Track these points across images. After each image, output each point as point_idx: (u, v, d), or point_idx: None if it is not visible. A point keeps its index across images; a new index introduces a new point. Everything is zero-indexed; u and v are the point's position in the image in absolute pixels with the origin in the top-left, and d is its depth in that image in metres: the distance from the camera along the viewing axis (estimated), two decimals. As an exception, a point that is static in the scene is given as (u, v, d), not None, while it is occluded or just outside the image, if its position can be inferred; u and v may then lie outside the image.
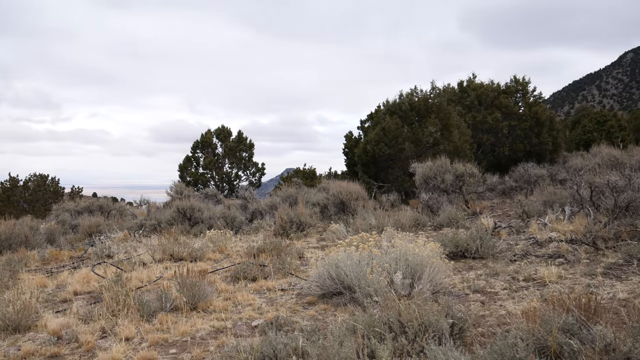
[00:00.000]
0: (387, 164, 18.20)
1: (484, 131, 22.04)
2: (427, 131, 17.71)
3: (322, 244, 11.11)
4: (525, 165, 18.34)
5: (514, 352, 3.75)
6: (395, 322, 4.48)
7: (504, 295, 6.30)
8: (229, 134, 30.77)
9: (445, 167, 15.15)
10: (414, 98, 18.95)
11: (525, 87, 23.75)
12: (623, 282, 6.45)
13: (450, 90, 23.84)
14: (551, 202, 12.45)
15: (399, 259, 6.10)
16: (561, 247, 8.45)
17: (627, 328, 4.00)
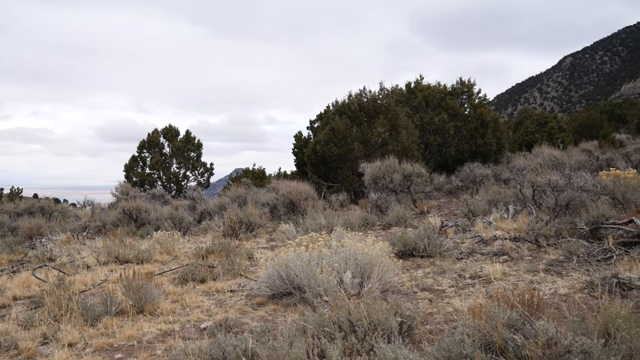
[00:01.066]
0: (337, 164, 18.28)
1: (431, 132, 22.43)
2: (375, 131, 17.88)
3: (271, 244, 11.06)
4: (471, 165, 18.77)
5: (460, 349, 3.82)
6: (345, 321, 4.50)
7: (451, 293, 6.41)
8: (177, 134, 30.27)
9: (393, 167, 15.33)
10: (363, 99, 19.10)
11: (470, 89, 24.30)
12: (564, 278, 6.67)
13: (398, 91, 24.15)
14: (496, 201, 12.77)
15: (349, 259, 6.13)
16: (505, 245, 8.68)
17: (567, 322, 4.13)
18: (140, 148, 29.58)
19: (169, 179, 29.40)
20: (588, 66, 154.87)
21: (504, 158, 24.32)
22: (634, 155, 18.56)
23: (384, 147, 17.96)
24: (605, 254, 7.56)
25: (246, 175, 29.25)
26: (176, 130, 30.31)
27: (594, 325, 3.96)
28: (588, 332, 3.90)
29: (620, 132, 36.83)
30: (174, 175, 29.61)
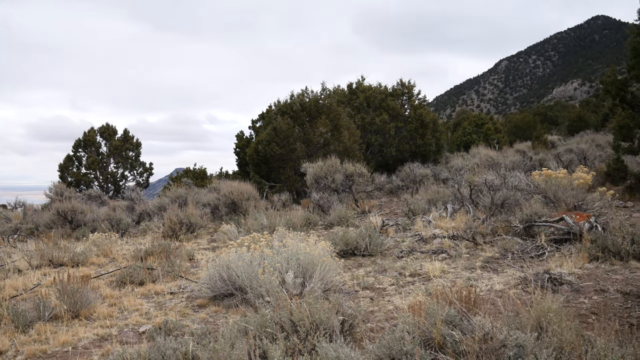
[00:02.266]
0: (279, 164, 18.24)
1: (373, 132, 22.70)
2: (317, 132, 17.95)
3: (213, 245, 10.92)
4: (411, 165, 19.11)
5: (401, 345, 3.88)
6: (287, 321, 4.49)
7: (391, 291, 6.50)
8: (115, 132, 29.44)
9: (335, 167, 15.42)
10: (305, 99, 19.14)
11: (410, 91, 24.74)
12: (499, 275, 6.88)
13: (340, 91, 24.33)
14: (435, 200, 13.05)
15: (291, 259, 6.12)
16: (444, 243, 8.88)
17: (502, 317, 4.27)
18: (76, 147, 28.60)
19: (106, 179, 28.56)
20: (522, 70, 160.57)
21: (443, 158, 24.90)
22: (564, 156, 19.35)
23: (326, 147, 18.05)
24: (538, 251, 7.85)
25: (187, 175, 28.78)
26: (114, 129, 29.48)
27: (527, 319, 4.10)
28: (522, 326, 4.04)
29: (552, 133, 38.37)
30: (111, 175, 28.80)
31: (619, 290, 5.85)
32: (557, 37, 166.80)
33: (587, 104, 46.29)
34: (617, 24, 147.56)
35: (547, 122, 46.39)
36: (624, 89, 13.17)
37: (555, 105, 57.84)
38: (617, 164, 13.42)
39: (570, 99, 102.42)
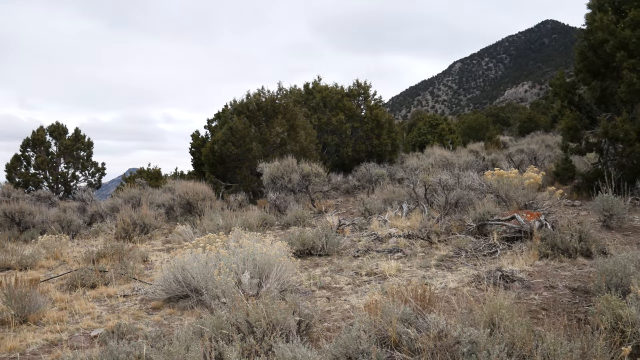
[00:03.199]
0: (235, 164, 18.10)
1: (329, 132, 22.78)
2: (274, 131, 17.89)
3: (167, 246, 10.75)
4: (367, 165, 19.24)
5: (357, 344, 3.90)
6: (244, 322, 4.46)
7: (348, 290, 6.53)
8: (65, 132, 28.64)
9: (292, 167, 15.41)
10: (262, 98, 19.06)
11: (366, 91, 24.93)
12: (453, 273, 7.00)
13: (296, 91, 24.33)
14: (391, 200, 13.18)
15: (247, 259, 6.08)
16: (400, 242, 8.98)
17: (457, 314, 4.34)
18: (24, 147, 27.70)
19: (56, 180, 27.77)
20: (475, 72, 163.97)
21: (399, 158, 25.18)
22: (515, 156, 19.84)
23: (283, 147, 18.01)
24: (490, 249, 8.02)
25: (141, 175, 28.28)
26: (64, 128, 28.68)
27: (481, 316, 4.18)
28: (475, 323, 4.11)
29: (504, 134, 39.28)
30: (61, 176, 28.01)
31: (567, 286, 6.03)
32: (509, 40, 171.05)
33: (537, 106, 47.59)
34: (566, 28, 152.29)
35: (499, 123, 47.48)
36: (572, 91, 13.58)
37: (507, 107, 59.26)
38: (565, 164, 13.83)
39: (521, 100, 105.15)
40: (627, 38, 11.44)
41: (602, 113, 12.60)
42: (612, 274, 5.23)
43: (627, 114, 11.70)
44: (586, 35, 12.68)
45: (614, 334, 3.83)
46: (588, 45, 12.62)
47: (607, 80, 12.68)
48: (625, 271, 5.14)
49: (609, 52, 11.90)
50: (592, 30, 12.43)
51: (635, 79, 11.33)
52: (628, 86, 11.49)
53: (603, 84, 12.73)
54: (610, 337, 3.70)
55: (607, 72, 12.56)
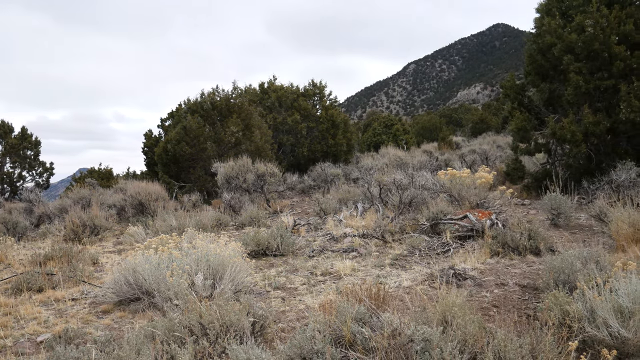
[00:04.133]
0: (189, 164, 17.85)
1: (285, 132, 22.73)
2: (229, 131, 17.73)
3: (119, 247, 10.51)
4: (323, 165, 19.28)
5: (312, 345, 3.88)
6: (197, 324, 4.38)
7: (303, 290, 6.52)
8: (11, 130, 27.63)
9: (247, 166, 15.30)
10: (216, 97, 18.85)
11: (322, 91, 24.98)
12: (407, 271, 7.07)
13: (252, 91, 24.18)
14: (346, 200, 13.23)
15: (200, 260, 5.99)
16: (354, 241, 9.01)
17: (410, 313, 4.38)
18: (-33, 146, 26.65)
19: (1, 180, 26.78)
20: (429, 73, 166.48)
21: (354, 158, 25.32)
22: (468, 156, 20.23)
23: (238, 146, 17.87)
24: (443, 248, 8.14)
25: (91, 175, 27.55)
26: (10, 126, 27.67)
27: (434, 314, 4.23)
28: (428, 321, 4.16)
29: (457, 134, 40.02)
30: (7, 176, 27.02)
31: (517, 283, 6.17)
32: (461, 43, 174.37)
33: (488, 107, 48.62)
34: (516, 32, 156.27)
35: (452, 123, 48.35)
36: (522, 93, 13.93)
37: (459, 108, 60.41)
38: (515, 164, 14.18)
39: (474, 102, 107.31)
40: (574, 42, 11.80)
41: (550, 115, 12.96)
42: (560, 271, 5.37)
43: (573, 116, 12.06)
44: (535, 39, 13.02)
45: (561, 329, 3.92)
46: (537, 49, 12.96)
47: (555, 83, 13.05)
48: (572, 268, 5.29)
49: (556, 56, 12.25)
50: (540, 34, 12.78)
51: (581, 81, 11.70)
52: (574, 89, 11.86)
53: (551, 87, 13.10)
54: (558, 332, 3.79)
55: (555, 74, 12.92)
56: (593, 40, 11.56)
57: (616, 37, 11.68)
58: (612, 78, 11.75)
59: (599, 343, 4.00)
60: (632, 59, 11.48)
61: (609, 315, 3.99)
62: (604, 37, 11.49)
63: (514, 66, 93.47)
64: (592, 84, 11.81)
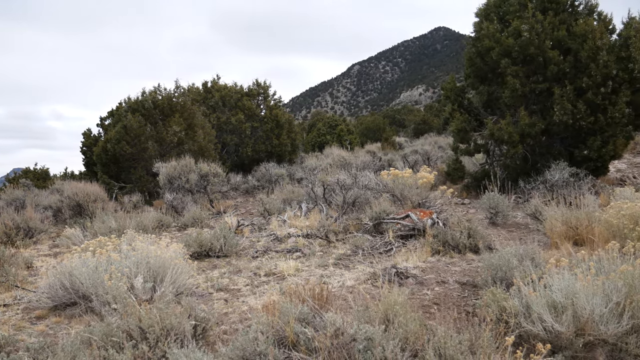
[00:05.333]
0: (130, 164, 17.42)
1: (228, 132, 22.50)
2: (171, 130, 17.40)
3: (55, 250, 10.14)
4: (267, 165, 19.22)
5: (254, 346, 3.85)
6: (136, 328, 4.27)
7: (246, 292, 6.46)
8: (-62, 129, 26.34)
9: (189, 166, 15.06)
10: (158, 96, 18.47)
11: (266, 91, 24.86)
12: (350, 271, 7.11)
13: (195, 90, 23.83)
14: (290, 200, 13.22)
15: (140, 263, 5.85)
16: (298, 241, 9.01)
17: (353, 312, 4.40)
18: None
19: None
20: (373, 74, 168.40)
21: (298, 158, 25.32)
22: (410, 157, 20.58)
23: (180, 146, 17.56)
24: (386, 247, 8.24)
25: (26, 175, 26.49)
26: (-63, 124, 26.38)
27: (376, 313, 4.27)
28: (371, 319, 4.19)
29: (400, 135, 40.63)
30: None
31: (457, 281, 6.31)
32: (404, 45, 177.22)
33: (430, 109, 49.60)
34: (457, 35, 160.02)
35: (396, 124, 49.02)
36: (462, 95, 14.28)
37: (402, 109, 61.34)
38: (456, 164, 14.52)
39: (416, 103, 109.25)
40: (511, 46, 12.18)
41: (489, 116, 13.34)
42: (497, 268, 5.53)
43: (510, 118, 12.45)
44: (474, 43, 13.38)
45: (499, 325, 4.03)
46: (476, 52, 13.32)
47: (493, 86, 13.44)
48: (509, 265, 5.46)
49: (494, 59, 12.62)
50: (479, 37, 13.13)
51: (517, 84, 12.09)
52: (512, 91, 12.24)
53: (490, 89, 13.48)
54: (495, 328, 3.89)
55: (493, 77, 13.31)
56: (529, 44, 11.98)
57: (550, 42, 12.15)
58: (546, 81, 12.21)
59: (534, 337, 4.14)
60: (565, 63, 11.95)
61: (543, 311, 4.13)
62: (539, 42, 11.91)
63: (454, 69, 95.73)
64: (528, 87, 12.23)
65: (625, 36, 11.94)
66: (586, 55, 11.66)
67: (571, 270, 4.47)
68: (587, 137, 12.12)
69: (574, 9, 12.93)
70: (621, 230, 6.18)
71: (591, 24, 11.91)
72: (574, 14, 12.87)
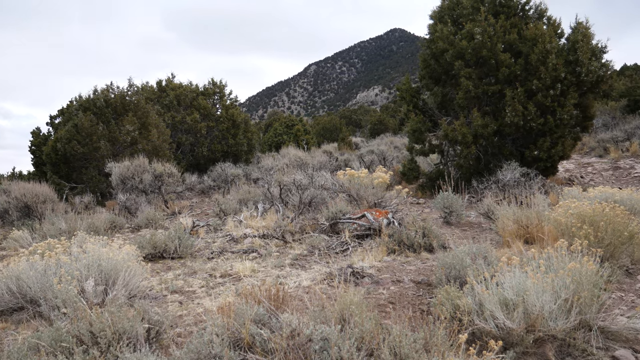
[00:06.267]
0: (81, 164, 16.99)
1: (183, 131, 22.21)
2: (124, 129, 17.06)
3: (1, 254, 9.80)
4: (223, 165, 19.05)
5: (209, 349, 3.80)
6: (87, 333, 4.16)
7: (201, 293, 6.38)
8: None
9: (143, 166, 14.79)
10: (110, 94, 18.08)
11: (222, 90, 24.65)
12: (307, 271, 7.11)
13: (149, 88, 23.44)
14: (246, 200, 13.13)
15: (92, 265, 5.70)
16: (255, 242, 8.96)
17: (309, 312, 4.39)
18: None
19: None
20: (330, 75, 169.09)
21: (255, 158, 25.21)
22: (366, 157, 20.72)
23: (134, 146, 17.24)
24: (342, 247, 8.27)
25: (-30, 176, 25.54)
26: None
27: (332, 313, 4.27)
28: (327, 320, 4.19)
29: (356, 135, 40.95)
30: None
31: (412, 279, 6.38)
32: (361, 46, 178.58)
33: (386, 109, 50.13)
34: (412, 37, 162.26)
35: (352, 124, 49.35)
36: (417, 96, 14.47)
37: (359, 109, 61.76)
38: (411, 164, 14.70)
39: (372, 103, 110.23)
40: (464, 48, 12.40)
41: (443, 117, 13.56)
42: (451, 267, 5.62)
43: (464, 119, 12.68)
44: (429, 45, 13.57)
45: (453, 322, 4.09)
46: (430, 54, 13.51)
47: (447, 87, 13.66)
48: (462, 264, 5.55)
49: (448, 61, 12.83)
50: (434, 39, 13.33)
51: (471, 86, 12.32)
52: (465, 93, 12.47)
53: (444, 90, 13.70)
54: (449, 326, 3.95)
55: (447, 79, 13.53)
56: (481, 47, 12.22)
57: (502, 45, 12.43)
58: (498, 83, 12.48)
59: (487, 334, 4.22)
60: (516, 66, 12.25)
61: (495, 308, 4.22)
62: (491, 44, 12.17)
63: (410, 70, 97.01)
64: (480, 89, 12.48)
65: (573, 40, 12.31)
66: (536, 59, 11.98)
67: (522, 268, 4.58)
68: (537, 138, 12.45)
69: (525, 13, 13.27)
70: (569, 229, 6.36)
71: (541, 28, 12.25)
72: (524, 18, 13.21)
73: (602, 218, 6.26)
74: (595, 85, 12.42)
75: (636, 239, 6.39)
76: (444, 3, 13.87)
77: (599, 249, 4.93)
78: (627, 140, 20.59)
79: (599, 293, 4.44)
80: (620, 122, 24.48)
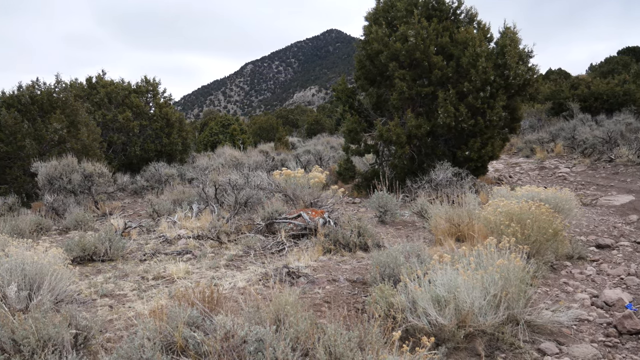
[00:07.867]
0: (4, 163, 16.19)
1: (115, 130, 21.57)
2: (51, 128, 16.39)
3: None
4: (157, 165, 18.62)
5: (140, 354, 3.70)
6: (8, 341, 3.96)
7: (133, 297, 6.20)
8: None
9: (72, 166, 14.26)
10: (36, 91, 17.33)
11: (155, 88, 24.09)
12: (242, 272, 7.04)
13: (78, 85, 22.62)
14: (181, 201, 12.88)
15: (14, 270, 5.43)
16: (189, 243, 8.80)
17: (244, 314, 4.35)
18: None
19: None
20: (266, 74, 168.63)
21: (190, 158, 24.79)
22: (303, 157, 20.76)
23: (62, 144, 16.58)
24: (278, 247, 8.24)
25: None
26: None
27: (267, 313, 4.24)
28: (262, 320, 4.16)
29: (293, 135, 40.98)
30: None
31: (348, 278, 6.43)
32: (297, 46, 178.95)
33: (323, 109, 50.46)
34: (348, 38, 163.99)
35: (289, 124, 49.35)
36: (353, 97, 14.61)
37: (295, 109, 61.85)
38: (347, 164, 14.82)
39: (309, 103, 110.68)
40: (398, 50, 12.62)
41: (379, 117, 13.76)
42: (386, 265, 5.69)
43: (398, 119, 12.90)
44: (364, 46, 13.73)
45: (387, 320, 4.14)
46: (366, 55, 13.68)
47: (382, 88, 13.87)
48: (396, 262, 5.63)
49: (383, 62, 13.03)
50: (369, 41, 13.50)
51: (405, 87, 12.55)
52: (399, 94, 12.69)
53: (379, 91, 13.90)
54: (383, 324, 4.00)
55: (382, 80, 13.73)
56: (415, 49, 12.47)
57: (435, 48, 12.72)
58: (431, 85, 12.77)
59: (420, 331, 4.30)
60: (448, 68, 12.57)
61: (428, 305, 4.30)
62: (424, 47, 12.43)
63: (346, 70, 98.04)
64: (414, 90, 12.74)
65: (502, 45, 12.75)
66: (467, 62, 12.33)
67: (453, 265, 4.69)
68: (468, 138, 12.82)
69: (457, 17, 13.65)
70: (498, 227, 6.57)
71: (471, 32, 12.62)
72: (456, 22, 13.58)
73: (529, 216, 6.51)
74: (523, 88, 12.91)
75: (560, 236, 6.68)
76: (379, 5, 14.07)
77: (525, 246, 5.12)
78: (552, 142, 21.56)
79: (525, 288, 4.61)
80: (546, 124, 25.64)
